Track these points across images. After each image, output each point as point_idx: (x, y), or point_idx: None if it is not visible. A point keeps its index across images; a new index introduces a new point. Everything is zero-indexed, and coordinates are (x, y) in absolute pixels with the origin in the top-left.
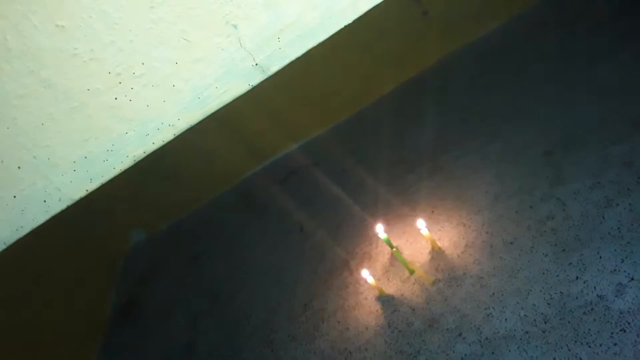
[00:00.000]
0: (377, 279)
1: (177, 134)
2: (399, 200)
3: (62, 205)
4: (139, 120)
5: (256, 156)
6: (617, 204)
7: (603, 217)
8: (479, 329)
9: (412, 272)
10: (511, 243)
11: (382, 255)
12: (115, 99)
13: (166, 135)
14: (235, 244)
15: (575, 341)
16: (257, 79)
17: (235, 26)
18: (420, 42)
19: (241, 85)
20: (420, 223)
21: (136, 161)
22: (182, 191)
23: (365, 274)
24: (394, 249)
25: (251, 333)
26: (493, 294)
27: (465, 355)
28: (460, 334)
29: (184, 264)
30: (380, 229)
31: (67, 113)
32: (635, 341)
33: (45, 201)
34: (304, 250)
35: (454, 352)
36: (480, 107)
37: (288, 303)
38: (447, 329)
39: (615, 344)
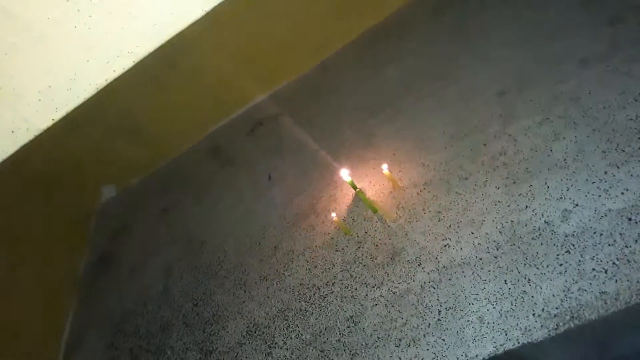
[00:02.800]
0: (343, 219)
1: (136, 61)
2: (362, 144)
3: (29, 136)
4: (99, 48)
5: (223, 108)
6: (564, 137)
7: (551, 150)
8: (436, 258)
9: (375, 211)
10: (466, 179)
11: (347, 197)
12: (75, 27)
13: (126, 62)
14: (205, 195)
15: (525, 264)
16: (210, 4)
17: None
18: None
19: (195, 12)
20: (382, 165)
21: (99, 89)
22: (151, 146)
23: (331, 215)
24: (358, 190)
25: (224, 276)
26: (450, 226)
27: (425, 282)
28: (419, 264)
29: (156, 217)
30: (344, 173)
31: (29, 43)
32: (579, 261)
33: (13, 132)
34: (272, 196)
35: (414, 280)
36: (437, 52)
37: (258, 246)
38: (408, 261)
39: (560, 265)
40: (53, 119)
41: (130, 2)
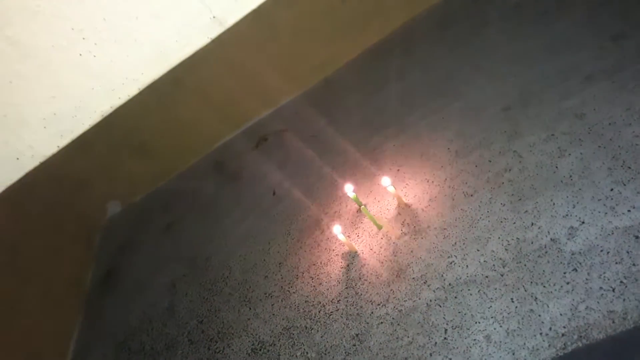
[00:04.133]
0: (347, 236)
1: (141, 88)
2: (367, 160)
3: (34, 162)
4: (104, 76)
5: (227, 124)
6: (569, 154)
7: (556, 167)
8: (442, 276)
9: (380, 227)
10: (471, 195)
11: (352, 213)
12: (80, 55)
13: (131, 89)
14: (210, 211)
15: (531, 282)
16: (215, 31)
17: None
18: (384, 7)
19: (201, 39)
20: (386, 181)
21: (104, 116)
22: (155, 162)
23: (336, 231)
24: (362, 207)
25: (229, 293)
26: (455, 243)
27: (431, 300)
28: (425, 282)
29: (161, 232)
30: (348, 189)
31: (34, 70)
32: (586, 279)
33: (18, 159)
34: (277, 212)
35: (419, 298)
36: (441, 68)
37: (263, 263)
38: (413, 278)
39: (567, 283)
40: (58, 146)
41: (136, 29)
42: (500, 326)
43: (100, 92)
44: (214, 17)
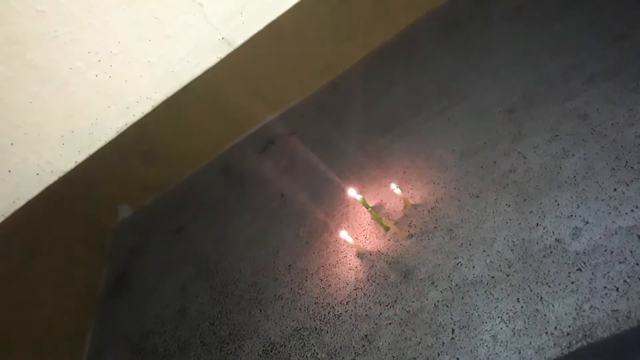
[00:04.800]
0: (355, 238)
1: (155, 106)
2: (373, 163)
3: (54, 177)
4: (119, 95)
5: (235, 128)
6: (573, 155)
7: (560, 168)
8: (449, 276)
9: (387, 229)
10: (477, 196)
11: (359, 215)
12: (96, 76)
13: (145, 107)
14: (219, 214)
15: (537, 282)
16: (224, 51)
17: (200, 4)
18: (387, 10)
19: (210, 58)
20: (392, 186)
21: (119, 132)
22: (165, 166)
23: (344, 234)
24: (369, 209)
25: (240, 295)
26: (461, 244)
27: (438, 301)
28: (432, 283)
29: (171, 236)
30: (352, 192)
31: (52, 91)
32: (591, 279)
33: (38, 174)
34: (285, 215)
35: (427, 299)
36: (445, 70)
37: (273, 265)
38: (421, 279)
39: (572, 282)
40: (76, 161)
41: (148, 51)
42: (507, 326)
43: (115, 110)
44: (222, 38)
